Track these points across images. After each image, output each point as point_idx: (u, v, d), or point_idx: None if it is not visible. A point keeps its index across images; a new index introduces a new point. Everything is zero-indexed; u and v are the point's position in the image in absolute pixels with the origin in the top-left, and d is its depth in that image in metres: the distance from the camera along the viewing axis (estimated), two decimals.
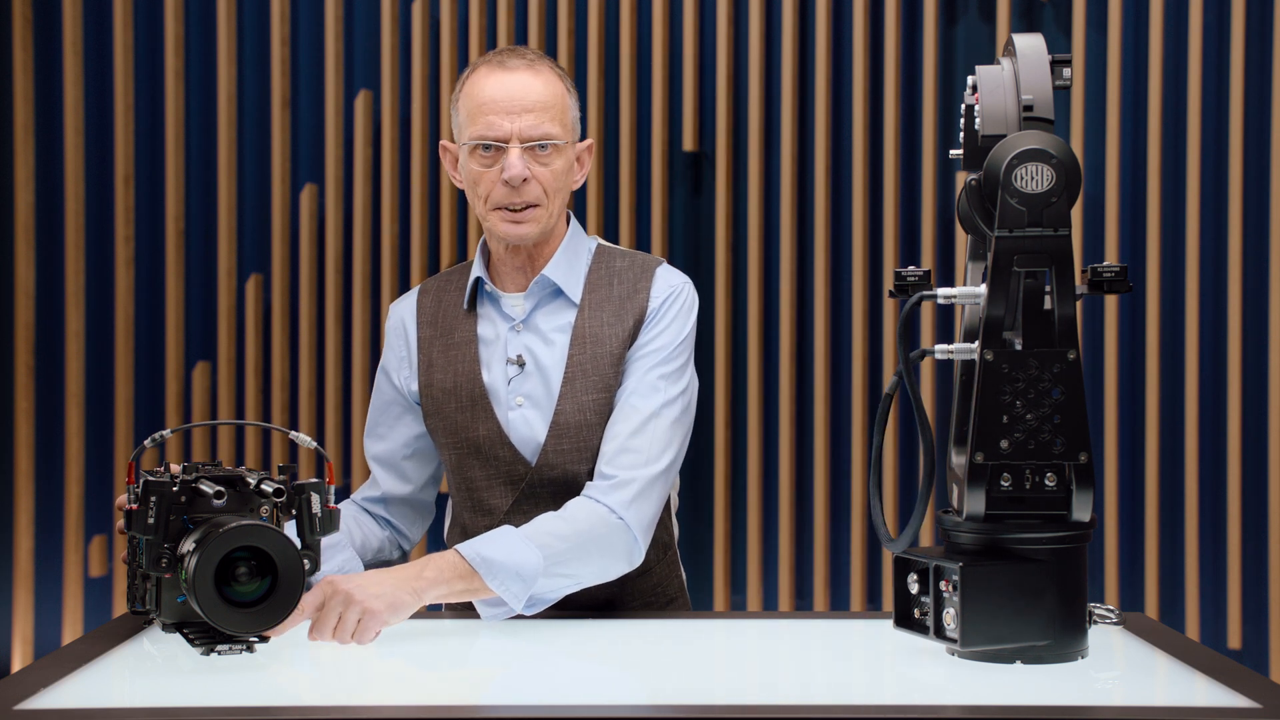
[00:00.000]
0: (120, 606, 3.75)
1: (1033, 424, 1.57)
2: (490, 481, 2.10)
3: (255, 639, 1.61)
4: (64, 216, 3.77)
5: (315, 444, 1.69)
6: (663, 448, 2.04)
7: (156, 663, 1.70)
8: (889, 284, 3.63)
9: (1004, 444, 1.57)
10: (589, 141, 2.17)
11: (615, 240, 3.69)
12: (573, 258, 2.14)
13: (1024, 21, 3.63)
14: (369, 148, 3.75)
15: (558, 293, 2.13)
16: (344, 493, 3.76)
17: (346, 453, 3.76)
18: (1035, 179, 1.55)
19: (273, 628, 1.60)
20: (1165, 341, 3.61)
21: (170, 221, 3.75)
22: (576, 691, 1.55)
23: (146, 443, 1.67)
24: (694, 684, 1.58)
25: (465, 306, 2.15)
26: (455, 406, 2.12)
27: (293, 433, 1.71)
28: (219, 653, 1.62)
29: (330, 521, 1.67)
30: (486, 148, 2.05)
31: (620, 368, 2.09)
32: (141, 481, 1.61)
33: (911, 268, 1.68)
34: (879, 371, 3.66)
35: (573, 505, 1.98)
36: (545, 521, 1.94)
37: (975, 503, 1.58)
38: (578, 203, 3.70)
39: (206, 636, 1.61)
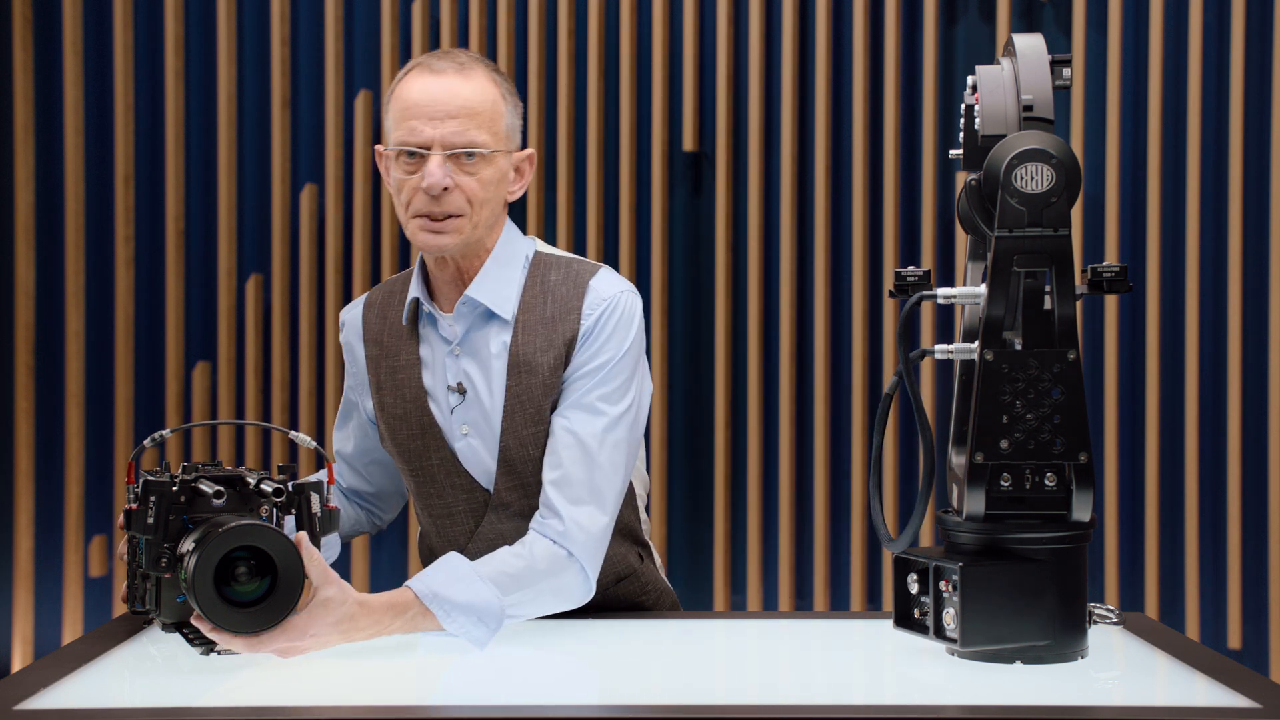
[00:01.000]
0: (121, 606, 3.75)
1: (1032, 424, 1.57)
2: (450, 508, 2.02)
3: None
4: (64, 216, 3.77)
5: (315, 444, 1.68)
6: (609, 474, 1.93)
7: (156, 663, 1.70)
8: (889, 284, 3.63)
9: (1004, 444, 1.57)
10: (529, 151, 2.03)
11: (615, 241, 3.69)
12: (503, 270, 2.01)
13: (1024, 21, 3.63)
14: (369, 148, 3.74)
15: (485, 313, 2.00)
16: None
17: None
18: (1035, 179, 1.55)
19: (272, 628, 1.59)
20: (1165, 341, 3.61)
21: (170, 221, 3.75)
22: (576, 691, 1.55)
23: (146, 442, 1.66)
24: (694, 684, 1.58)
25: (405, 324, 2.05)
26: (407, 434, 2.04)
27: (293, 433, 1.71)
28: (218, 653, 1.62)
29: (330, 521, 1.67)
30: (410, 154, 1.93)
31: (555, 397, 1.97)
32: (141, 481, 1.61)
33: (911, 268, 1.68)
34: (879, 371, 3.66)
35: (530, 541, 1.89)
36: (503, 560, 1.85)
37: (975, 503, 1.58)
38: (577, 204, 3.70)
39: (205, 637, 1.61)
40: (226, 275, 3.75)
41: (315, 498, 1.65)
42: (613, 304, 1.99)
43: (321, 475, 1.93)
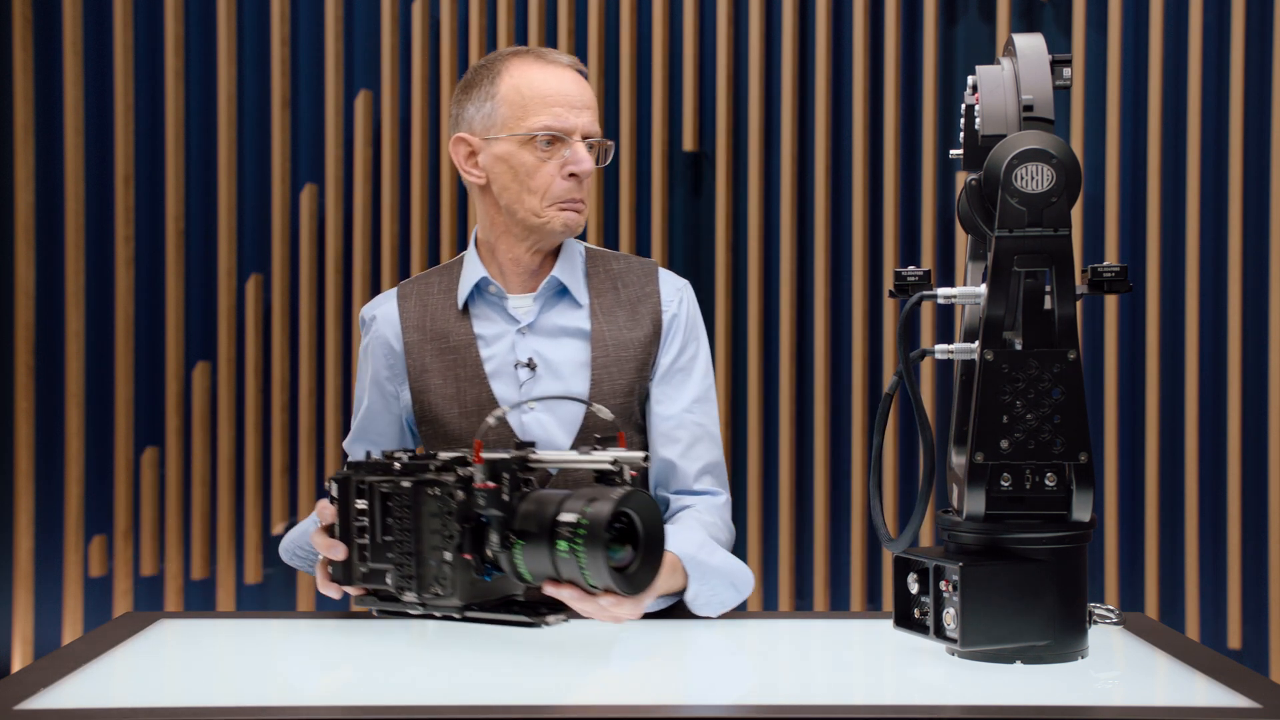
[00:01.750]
0: (121, 606, 3.75)
1: (1033, 424, 1.57)
2: None
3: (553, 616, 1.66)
4: (64, 216, 3.77)
5: (611, 415, 1.71)
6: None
7: (156, 663, 1.70)
8: (889, 284, 3.63)
9: (1004, 444, 1.57)
10: None
11: (615, 241, 3.69)
12: (572, 259, 2.14)
13: (1024, 21, 3.63)
14: (369, 148, 3.75)
15: (562, 294, 2.12)
16: None
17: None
18: (1035, 179, 1.55)
19: (639, 594, 1.61)
20: (1165, 341, 3.61)
21: (170, 221, 3.75)
22: (575, 691, 1.55)
23: (490, 420, 1.69)
24: (694, 684, 1.58)
25: (460, 308, 2.12)
26: (459, 413, 2.08)
27: (595, 405, 1.74)
28: (548, 624, 1.66)
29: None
30: (549, 141, 2.04)
31: (645, 373, 2.10)
32: (488, 461, 1.64)
33: (911, 268, 1.68)
34: (879, 371, 3.66)
35: (720, 514, 2.08)
36: (714, 530, 2.03)
37: (975, 503, 1.58)
38: None
39: (534, 611, 1.65)
40: (226, 275, 3.75)
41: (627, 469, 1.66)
42: (686, 292, 2.18)
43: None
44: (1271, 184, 3.56)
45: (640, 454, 1.63)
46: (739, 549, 3.70)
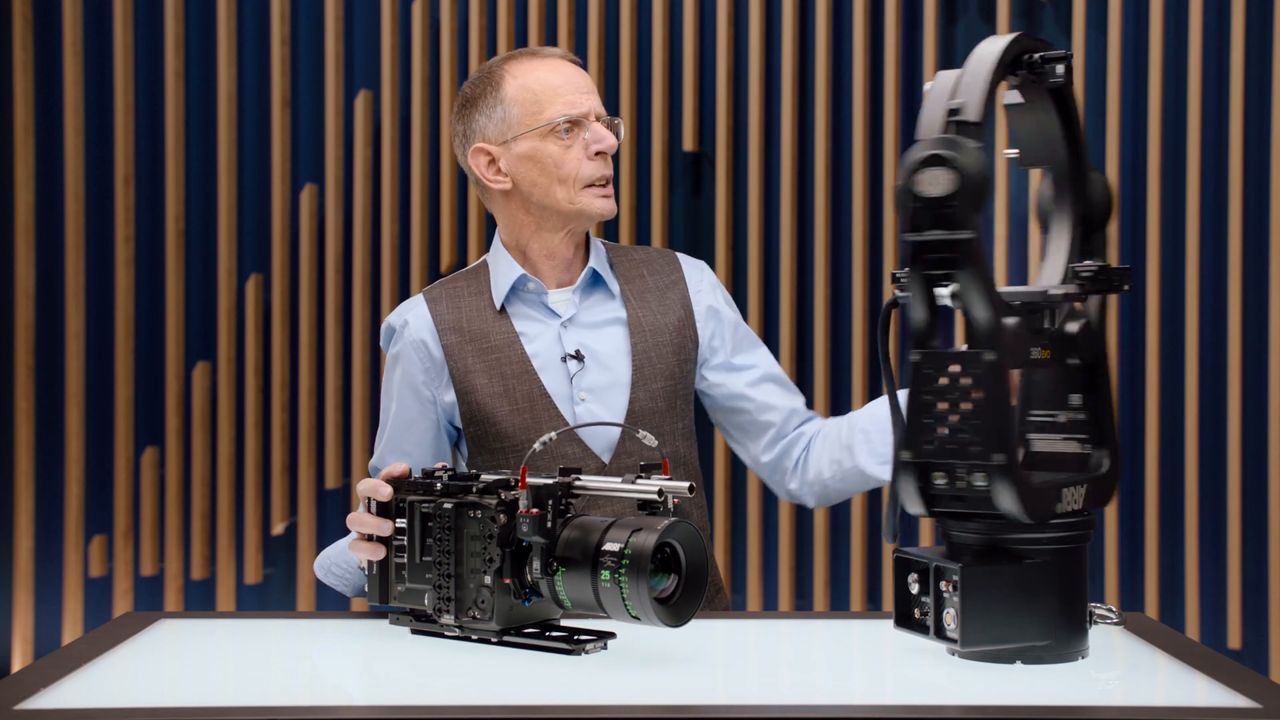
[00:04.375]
0: (121, 606, 3.75)
1: (956, 424, 1.57)
2: None
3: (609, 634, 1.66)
4: (64, 216, 3.77)
5: (655, 441, 1.70)
6: None
7: (156, 663, 1.70)
8: (889, 284, 3.64)
9: (927, 445, 1.57)
10: None
11: (615, 240, 3.70)
12: (599, 251, 2.20)
13: (1024, 21, 3.63)
14: (369, 148, 3.75)
15: (596, 285, 2.16)
16: (342, 494, 3.76)
17: (346, 452, 3.76)
18: (934, 183, 1.54)
19: (681, 624, 1.61)
20: (1165, 341, 3.61)
21: (170, 221, 3.75)
22: (575, 691, 1.55)
23: (536, 446, 1.68)
24: (694, 684, 1.58)
25: (497, 308, 2.13)
26: (509, 410, 2.09)
27: (641, 432, 1.72)
28: (587, 651, 1.64)
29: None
30: (568, 129, 2.08)
31: (681, 356, 2.14)
32: (530, 487, 1.63)
33: (907, 269, 1.68)
34: (879, 371, 3.66)
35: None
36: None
37: (911, 500, 1.59)
38: None
39: (573, 637, 1.65)
40: (226, 275, 3.75)
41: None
42: (707, 270, 2.25)
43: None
44: (1271, 184, 3.56)
45: (684, 484, 1.63)
46: (739, 548, 3.70)
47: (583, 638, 1.67)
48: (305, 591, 3.75)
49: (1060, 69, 1.62)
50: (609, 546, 1.59)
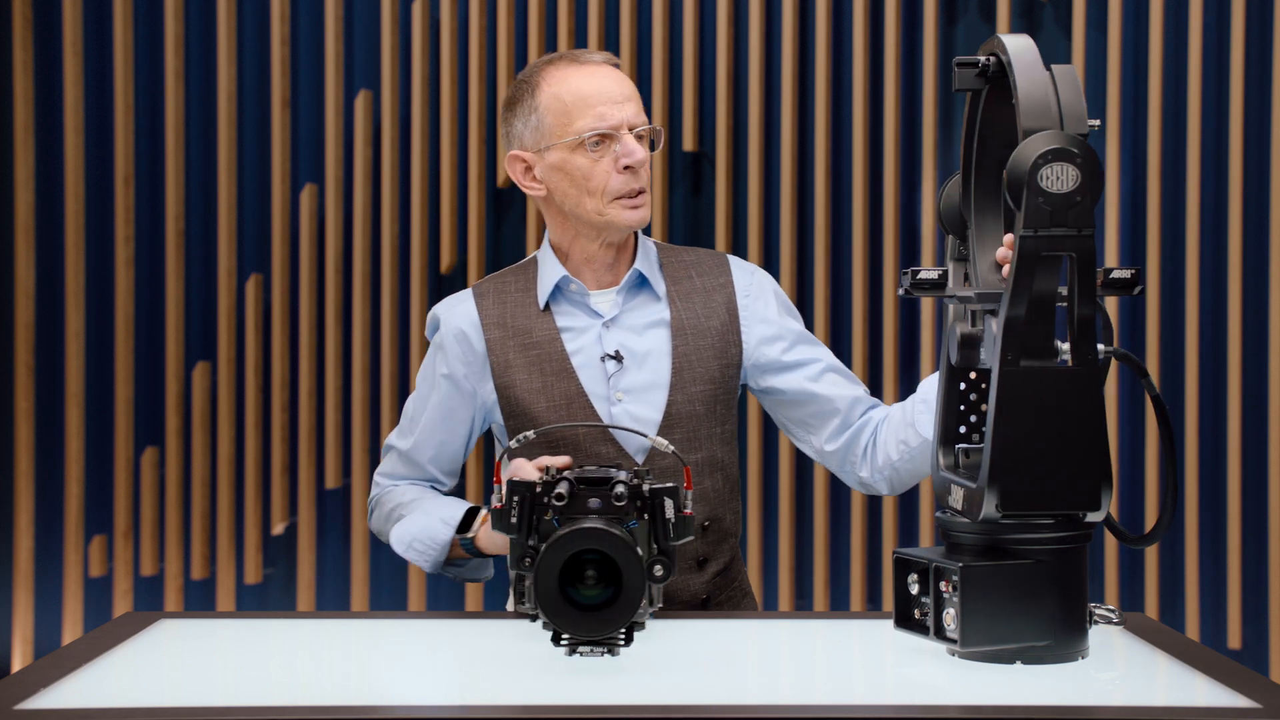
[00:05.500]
0: (121, 606, 3.75)
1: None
2: None
3: (620, 642, 1.63)
4: (64, 216, 3.77)
5: (671, 448, 1.69)
6: None
7: (156, 663, 1.70)
8: (889, 284, 3.64)
9: None
10: None
11: None
12: (647, 251, 2.19)
13: (1024, 21, 3.63)
14: (369, 148, 3.75)
15: (642, 286, 2.16)
16: (342, 494, 3.76)
17: (346, 452, 3.76)
18: (1060, 179, 1.54)
19: (609, 634, 1.61)
20: (1165, 341, 3.61)
21: (170, 221, 3.75)
22: (575, 691, 1.55)
23: (512, 443, 1.72)
24: (694, 684, 1.58)
25: (542, 306, 2.14)
26: (547, 406, 2.10)
27: (653, 437, 1.71)
28: (580, 654, 1.63)
29: (685, 527, 1.65)
30: (597, 142, 2.07)
31: (724, 361, 2.14)
32: (506, 482, 1.66)
33: (925, 269, 1.68)
34: (879, 371, 3.66)
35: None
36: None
37: (991, 504, 1.58)
38: None
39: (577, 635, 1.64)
40: (226, 275, 3.75)
41: (670, 503, 1.64)
42: (760, 272, 2.23)
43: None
44: (1271, 184, 3.56)
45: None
46: (740, 549, 3.70)
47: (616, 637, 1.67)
48: (305, 591, 3.75)
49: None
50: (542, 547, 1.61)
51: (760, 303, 2.19)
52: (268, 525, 3.78)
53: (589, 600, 1.60)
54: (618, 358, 2.12)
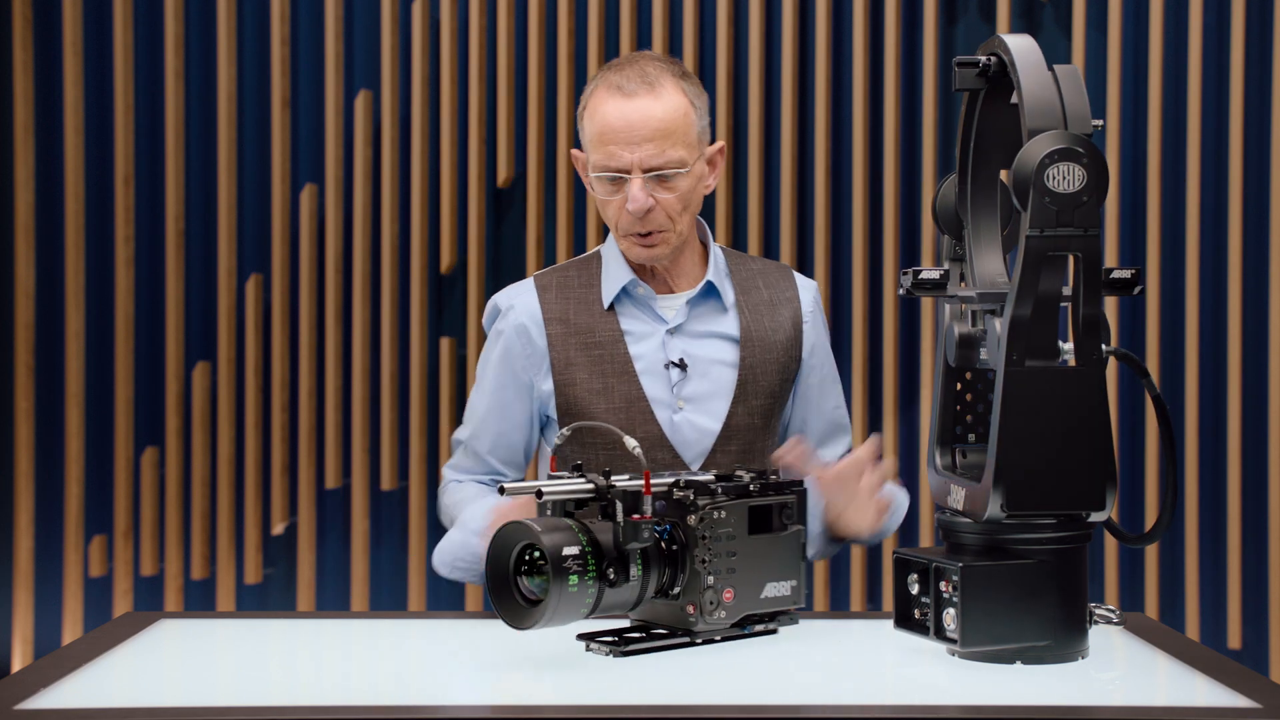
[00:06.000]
0: (121, 606, 3.75)
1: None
2: None
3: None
4: (64, 216, 3.77)
5: (639, 450, 1.67)
6: None
7: (156, 663, 1.70)
8: (889, 284, 3.64)
9: None
10: (719, 144, 2.16)
11: None
12: (716, 258, 2.17)
13: (1024, 21, 3.63)
14: (369, 148, 3.75)
15: (710, 295, 2.14)
16: (342, 494, 3.76)
17: (346, 452, 3.76)
18: (1066, 178, 1.54)
19: (523, 629, 1.61)
20: (1165, 341, 3.61)
21: (170, 221, 3.75)
22: (575, 691, 1.55)
23: (556, 439, 1.73)
24: (693, 684, 1.58)
25: (606, 306, 2.12)
26: (606, 408, 2.08)
27: (627, 438, 1.69)
28: (590, 650, 1.67)
29: (635, 533, 1.62)
30: (612, 178, 2.05)
31: (784, 375, 2.14)
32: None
33: (926, 269, 1.68)
34: (879, 371, 3.66)
35: None
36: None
37: (996, 505, 1.57)
38: (578, 205, 3.70)
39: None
40: (226, 275, 3.75)
41: (619, 505, 1.63)
42: (817, 292, 2.24)
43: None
44: (1271, 184, 3.56)
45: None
46: None
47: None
48: (305, 591, 3.75)
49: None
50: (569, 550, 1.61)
51: (820, 328, 2.21)
52: (268, 525, 3.78)
53: (534, 593, 1.61)
54: (682, 365, 2.10)
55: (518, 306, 2.15)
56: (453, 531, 2.06)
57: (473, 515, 2.04)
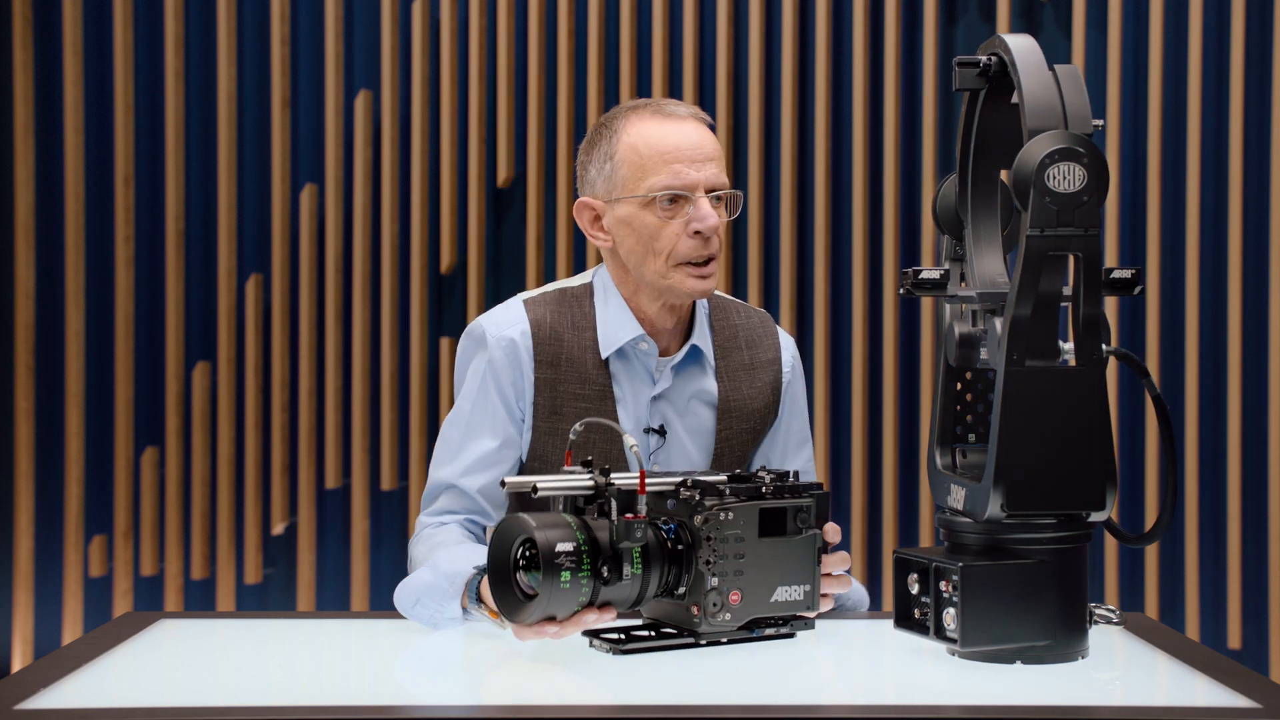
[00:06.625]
0: (121, 606, 3.75)
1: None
2: None
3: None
4: (64, 216, 3.77)
5: (635, 448, 1.65)
6: None
7: (156, 663, 1.70)
8: (889, 284, 3.64)
9: None
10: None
11: None
12: (700, 316, 2.10)
13: (1024, 21, 3.63)
14: (369, 148, 3.75)
15: (695, 357, 2.09)
16: (342, 494, 3.76)
17: (346, 452, 3.76)
18: (1067, 178, 1.54)
19: (515, 624, 1.61)
20: (1165, 341, 3.61)
21: (170, 221, 3.75)
22: (575, 690, 1.55)
23: (571, 435, 1.70)
24: (694, 683, 1.58)
25: (603, 357, 2.04)
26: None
27: (626, 437, 1.68)
28: (593, 646, 1.68)
29: (628, 531, 1.60)
30: (672, 199, 1.97)
31: (759, 438, 2.12)
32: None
33: (925, 269, 1.68)
34: (879, 371, 3.66)
35: None
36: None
37: (996, 505, 1.57)
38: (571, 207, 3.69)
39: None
40: (226, 275, 3.75)
41: (614, 503, 1.61)
42: (797, 355, 2.19)
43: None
44: (1271, 184, 3.56)
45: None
46: None
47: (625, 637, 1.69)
48: (305, 591, 3.74)
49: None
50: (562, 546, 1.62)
51: (798, 397, 2.17)
52: (268, 525, 3.78)
53: (530, 585, 1.61)
54: (661, 433, 2.06)
55: (514, 342, 2.04)
56: (423, 569, 1.89)
57: (451, 558, 1.86)
